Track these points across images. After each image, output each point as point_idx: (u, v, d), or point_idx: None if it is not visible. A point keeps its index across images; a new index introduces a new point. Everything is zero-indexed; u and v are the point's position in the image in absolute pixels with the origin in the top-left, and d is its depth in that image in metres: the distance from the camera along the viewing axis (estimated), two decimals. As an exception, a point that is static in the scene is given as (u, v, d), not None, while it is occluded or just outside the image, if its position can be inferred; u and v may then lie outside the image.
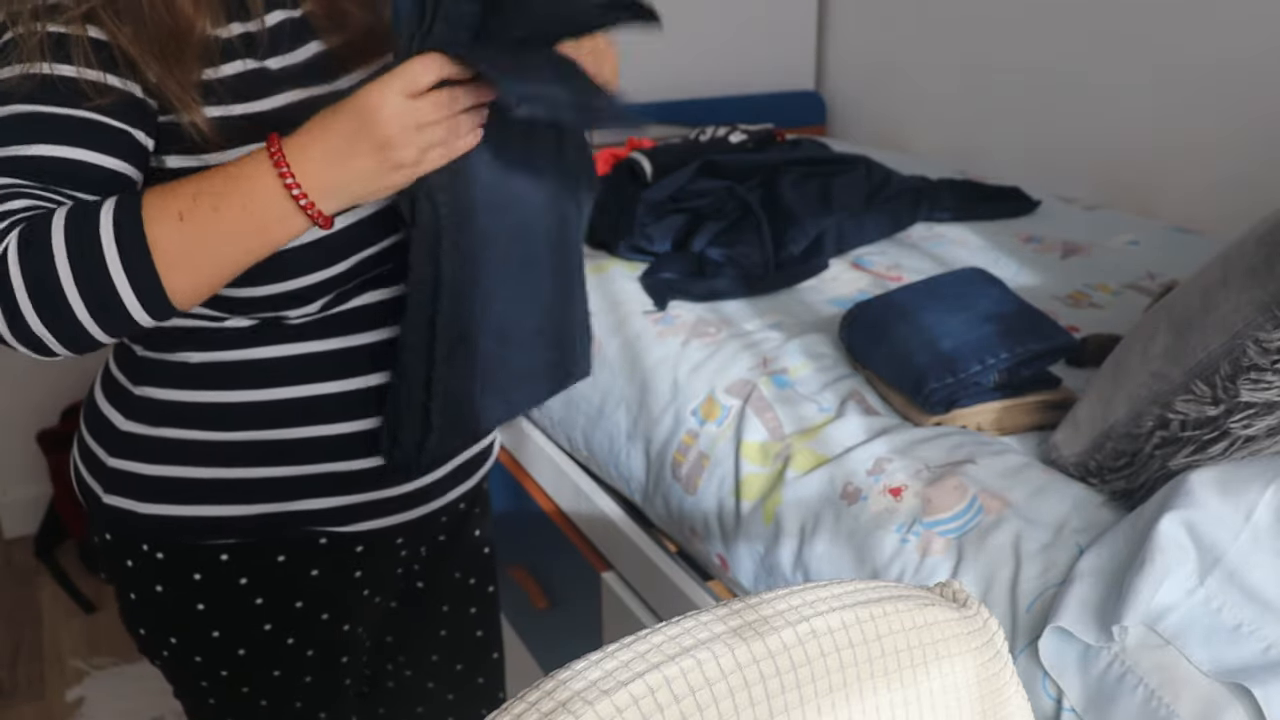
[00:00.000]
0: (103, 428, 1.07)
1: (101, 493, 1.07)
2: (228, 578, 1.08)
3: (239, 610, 1.10)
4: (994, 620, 0.71)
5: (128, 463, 1.05)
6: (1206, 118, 2.05)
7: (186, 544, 1.07)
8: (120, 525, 1.07)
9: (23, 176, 0.86)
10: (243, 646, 1.11)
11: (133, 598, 1.11)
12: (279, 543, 1.08)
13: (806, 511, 1.25)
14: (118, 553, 1.10)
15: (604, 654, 0.59)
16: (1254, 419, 1.00)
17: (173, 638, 1.11)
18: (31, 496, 2.70)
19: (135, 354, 1.05)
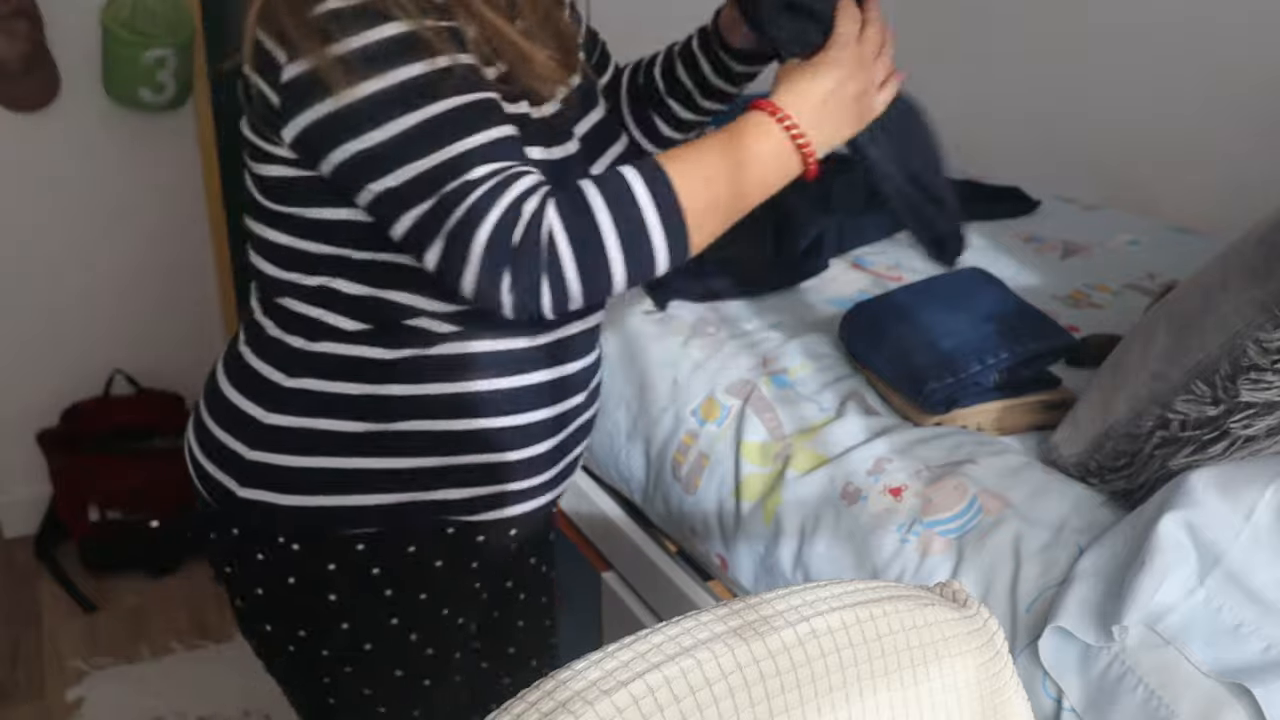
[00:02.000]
0: (241, 422, 1.09)
1: (236, 487, 1.09)
2: (361, 568, 1.10)
3: (370, 602, 1.12)
4: (994, 620, 0.71)
5: (271, 455, 1.07)
6: (1206, 118, 2.05)
7: (322, 535, 1.09)
8: (255, 519, 1.09)
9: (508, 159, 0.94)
10: (369, 640, 1.13)
11: (259, 593, 1.13)
12: (409, 532, 1.11)
13: (806, 511, 1.25)
14: (247, 548, 1.11)
15: (604, 654, 0.59)
16: (1254, 419, 1.00)
17: (301, 631, 1.14)
18: (31, 496, 2.70)
19: (289, 346, 1.07)
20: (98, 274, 2.65)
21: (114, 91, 2.45)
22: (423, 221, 0.93)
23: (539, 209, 0.92)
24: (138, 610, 2.50)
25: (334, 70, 0.91)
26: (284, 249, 1.05)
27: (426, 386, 1.06)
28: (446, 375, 1.06)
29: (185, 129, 2.61)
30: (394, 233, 0.96)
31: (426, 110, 0.92)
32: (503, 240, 0.91)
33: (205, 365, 3.08)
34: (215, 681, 2.26)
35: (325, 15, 0.92)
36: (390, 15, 0.92)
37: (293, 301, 1.06)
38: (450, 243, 0.92)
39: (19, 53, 2.32)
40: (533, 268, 0.92)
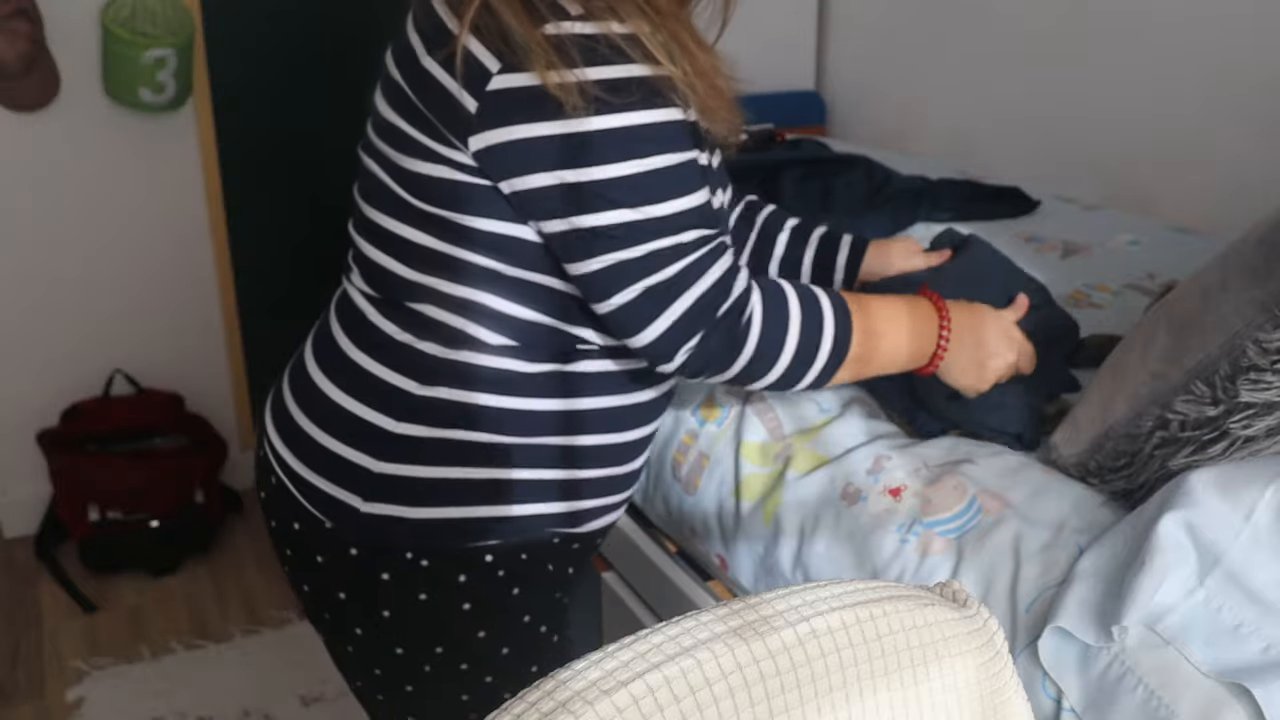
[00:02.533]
0: (365, 433, 1.04)
1: (360, 502, 1.04)
2: (491, 576, 1.08)
3: (503, 606, 1.10)
4: (994, 620, 0.71)
5: (401, 466, 1.03)
6: (1206, 118, 2.05)
7: (449, 546, 1.06)
8: (381, 534, 1.05)
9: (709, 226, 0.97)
10: (506, 645, 1.11)
11: (386, 615, 1.08)
12: (523, 543, 1.10)
13: (806, 512, 1.25)
14: (370, 566, 1.06)
15: (604, 654, 0.59)
16: (1254, 419, 1.00)
17: (439, 647, 1.10)
18: (31, 496, 2.70)
19: (422, 353, 1.03)
20: (97, 274, 2.65)
21: (114, 91, 2.45)
22: (623, 268, 0.94)
23: (746, 291, 0.98)
24: (138, 610, 2.50)
25: (569, 94, 0.89)
26: (429, 252, 1.01)
27: (563, 401, 1.05)
28: (582, 390, 1.06)
29: (185, 129, 2.61)
30: (577, 267, 0.96)
31: (653, 160, 0.92)
32: (707, 309, 0.96)
33: (205, 365, 3.08)
34: (215, 681, 2.26)
35: (565, 37, 0.89)
36: (628, 54, 0.91)
37: (430, 308, 1.02)
38: (647, 296, 0.95)
39: (19, 53, 2.32)
40: (725, 342, 0.98)
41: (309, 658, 2.31)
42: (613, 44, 0.91)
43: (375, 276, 1.06)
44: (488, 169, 0.95)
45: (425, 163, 0.98)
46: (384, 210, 1.03)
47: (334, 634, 1.15)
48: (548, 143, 0.91)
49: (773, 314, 0.99)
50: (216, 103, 2.61)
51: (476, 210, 0.98)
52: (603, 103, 0.90)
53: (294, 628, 2.43)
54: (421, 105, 0.97)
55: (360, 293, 1.08)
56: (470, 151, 0.95)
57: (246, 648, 2.37)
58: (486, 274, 1.00)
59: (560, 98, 0.89)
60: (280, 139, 2.69)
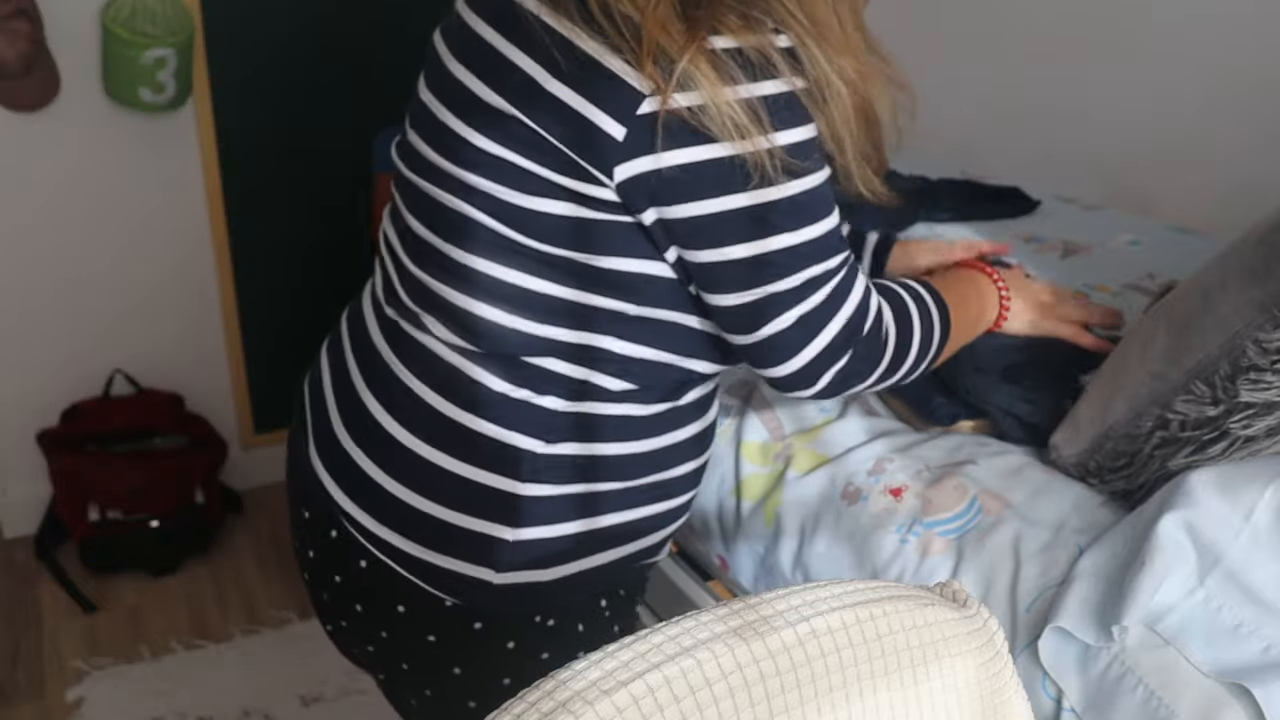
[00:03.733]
0: (495, 502, 0.96)
1: (494, 575, 0.97)
2: (606, 625, 1.06)
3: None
4: (994, 620, 0.71)
5: (535, 529, 0.97)
6: (1206, 118, 2.05)
7: (577, 602, 1.02)
8: (511, 603, 0.99)
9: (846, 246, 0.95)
10: None
11: (507, 682, 1.02)
12: (622, 582, 1.08)
13: (806, 512, 1.25)
14: (496, 638, 1.00)
15: (604, 654, 0.59)
16: (1253, 419, 1.00)
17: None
18: (31, 496, 2.70)
19: (544, 409, 0.96)
20: (98, 274, 2.65)
21: (114, 91, 2.45)
22: (779, 297, 0.89)
23: (880, 307, 0.97)
24: (138, 610, 2.50)
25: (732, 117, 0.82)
26: (549, 300, 0.92)
27: (672, 436, 1.03)
28: (686, 422, 1.04)
29: (185, 129, 2.61)
30: (726, 299, 0.90)
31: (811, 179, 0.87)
32: (855, 332, 0.94)
33: (205, 365, 3.07)
34: (215, 681, 2.26)
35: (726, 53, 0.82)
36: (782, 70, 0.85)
37: (550, 360, 0.95)
38: (800, 322, 0.90)
39: (19, 53, 2.31)
40: (869, 357, 0.96)
41: (309, 658, 2.31)
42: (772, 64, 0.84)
43: (473, 328, 0.95)
44: (628, 200, 0.88)
45: (544, 199, 0.89)
46: (484, 255, 0.92)
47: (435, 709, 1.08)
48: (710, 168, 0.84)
49: (901, 321, 1.00)
50: (216, 103, 2.61)
51: (610, 250, 0.90)
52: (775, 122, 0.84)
53: (294, 628, 2.43)
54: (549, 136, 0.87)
55: (449, 346, 0.97)
56: (612, 182, 0.87)
57: (246, 648, 2.37)
58: (611, 317, 0.93)
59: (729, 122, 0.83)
60: (280, 139, 2.69)
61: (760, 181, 0.84)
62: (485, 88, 0.89)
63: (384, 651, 1.06)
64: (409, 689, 1.08)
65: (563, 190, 0.88)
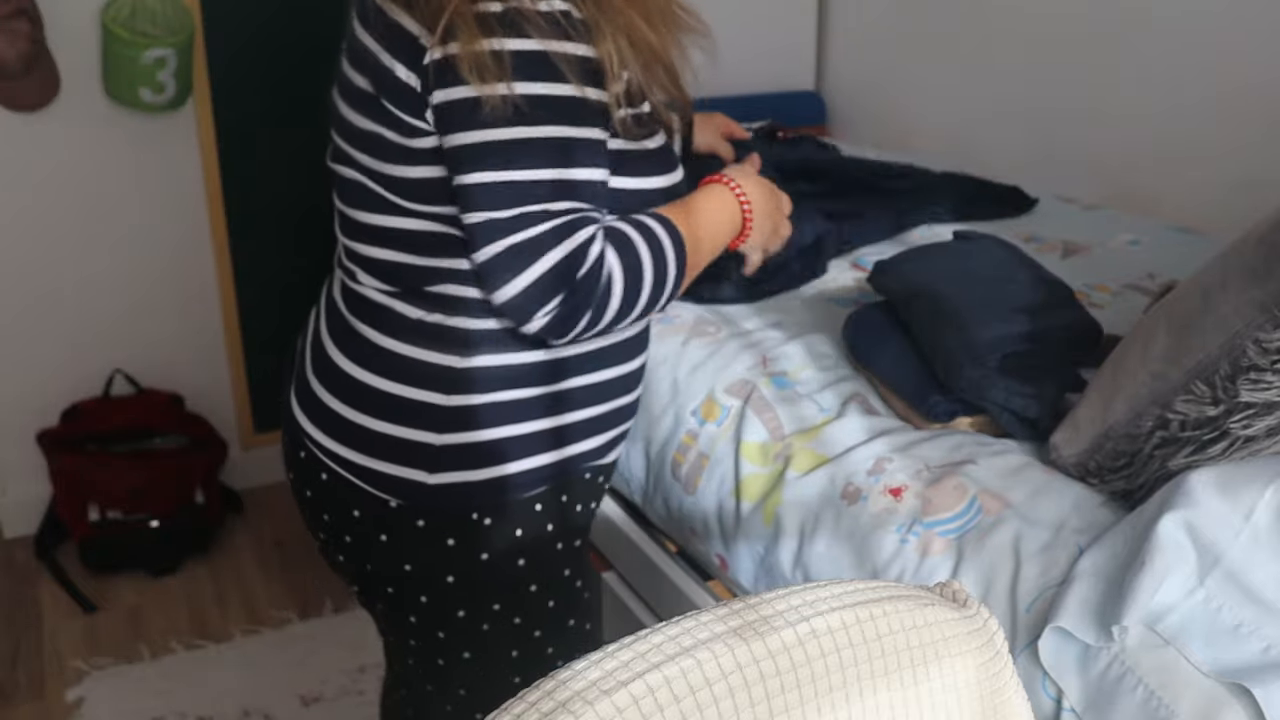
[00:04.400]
0: (422, 412, 1.11)
1: (427, 476, 1.12)
2: (540, 527, 1.17)
3: (548, 558, 1.19)
4: (994, 620, 0.71)
5: (460, 435, 1.11)
6: (1206, 118, 2.05)
7: (509, 501, 1.14)
8: (448, 501, 1.13)
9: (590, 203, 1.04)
10: (552, 597, 1.21)
11: (450, 580, 1.16)
12: (564, 485, 1.18)
13: (806, 511, 1.25)
14: (436, 535, 1.14)
15: (604, 654, 0.59)
16: (1253, 419, 1.00)
17: (496, 604, 1.18)
18: (31, 496, 2.70)
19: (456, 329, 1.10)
20: (98, 274, 2.65)
21: (114, 91, 2.45)
22: (495, 224, 1.00)
23: (601, 254, 1.03)
24: (138, 610, 2.50)
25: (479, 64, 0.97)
26: (431, 237, 1.08)
27: (585, 344, 1.13)
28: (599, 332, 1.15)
29: (185, 129, 2.61)
30: (464, 218, 1.02)
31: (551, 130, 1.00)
32: (565, 273, 1.01)
33: (205, 365, 3.07)
34: (215, 681, 2.26)
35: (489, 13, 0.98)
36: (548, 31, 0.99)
37: (447, 286, 1.09)
38: (510, 251, 1.01)
39: (19, 53, 2.31)
40: (585, 304, 1.03)
41: (309, 658, 2.31)
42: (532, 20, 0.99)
43: (385, 272, 1.12)
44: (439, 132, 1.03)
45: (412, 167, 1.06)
46: (379, 210, 1.10)
47: (395, 609, 1.22)
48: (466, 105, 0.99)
49: (628, 266, 1.05)
50: (216, 103, 2.61)
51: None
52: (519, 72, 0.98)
53: (294, 628, 2.43)
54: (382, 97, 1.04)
55: (375, 289, 1.14)
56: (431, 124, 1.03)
57: (246, 648, 2.37)
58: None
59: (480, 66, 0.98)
60: (280, 139, 2.69)
61: (496, 121, 0.99)
62: (355, 73, 1.08)
63: (351, 557, 1.21)
64: (376, 593, 1.23)
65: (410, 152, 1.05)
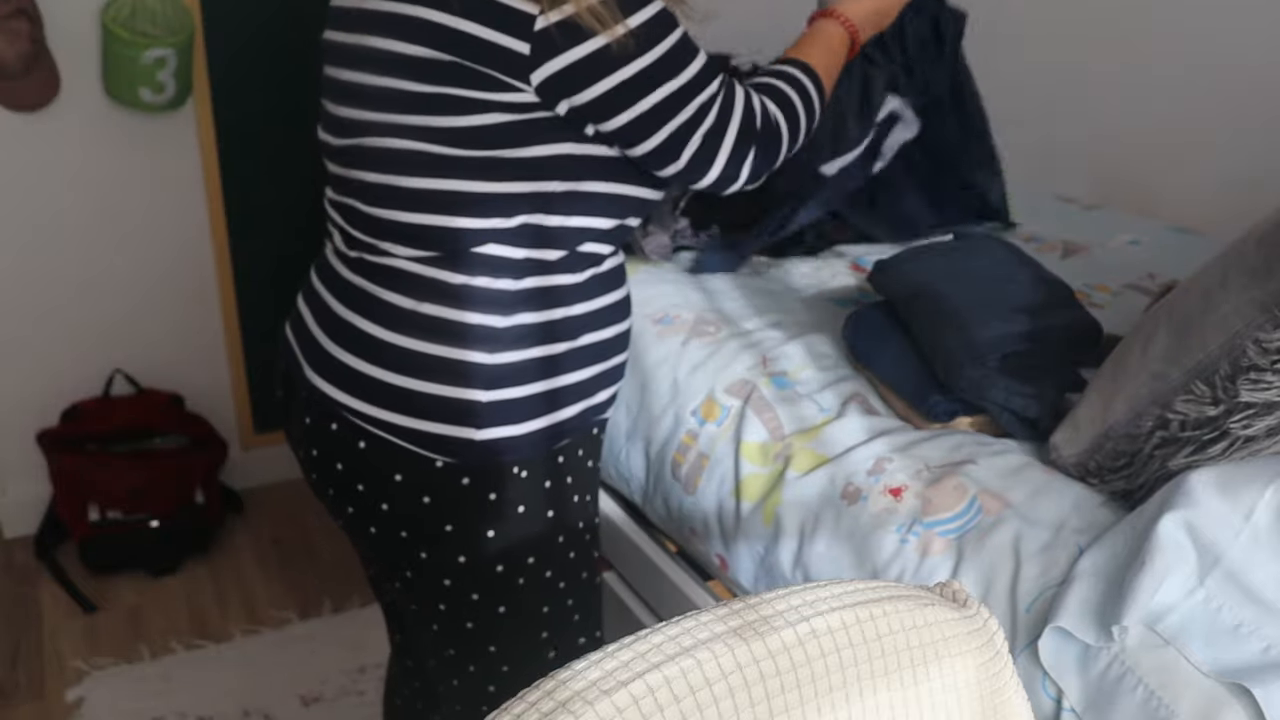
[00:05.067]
0: (469, 371, 1.16)
1: (475, 432, 1.17)
2: (563, 480, 1.24)
3: (570, 510, 1.24)
4: (994, 620, 0.71)
5: (504, 391, 1.17)
6: (1206, 118, 2.05)
7: (542, 454, 1.21)
8: (493, 456, 1.18)
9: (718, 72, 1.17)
10: (572, 549, 1.28)
11: (490, 534, 1.21)
12: (579, 440, 1.25)
13: (806, 511, 1.25)
14: (479, 492, 1.19)
15: (604, 654, 0.59)
16: (1254, 419, 1.00)
17: (530, 558, 1.24)
18: (31, 496, 2.70)
19: (497, 290, 1.15)
20: (98, 274, 2.65)
21: (114, 91, 2.45)
22: (682, 128, 1.13)
23: (763, 104, 1.20)
24: (138, 610, 2.50)
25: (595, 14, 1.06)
26: (481, 196, 1.13)
27: (601, 299, 1.23)
28: (611, 288, 1.24)
29: (185, 129, 2.61)
30: (644, 147, 1.14)
31: (670, 40, 1.11)
32: (748, 128, 1.18)
33: (205, 365, 3.07)
34: (215, 681, 2.26)
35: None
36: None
37: (490, 247, 1.14)
38: (705, 139, 1.15)
39: (19, 53, 2.31)
40: (772, 141, 1.21)
41: (309, 658, 2.31)
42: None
43: (425, 238, 1.16)
44: (546, 99, 1.10)
45: (473, 114, 1.10)
46: (427, 174, 1.13)
47: (430, 574, 1.25)
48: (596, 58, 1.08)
49: (784, 105, 1.23)
50: (216, 103, 2.61)
51: (532, 141, 1.12)
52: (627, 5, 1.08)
53: (294, 628, 2.43)
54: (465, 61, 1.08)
55: (409, 259, 1.17)
56: (533, 87, 1.09)
57: (246, 648, 2.37)
58: (537, 199, 1.14)
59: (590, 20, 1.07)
60: (280, 139, 2.69)
61: (633, 53, 1.09)
62: (401, 44, 1.11)
63: (385, 526, 1.24)
64: (405, 559, 1.25)
65: (485, 104, 1.09)
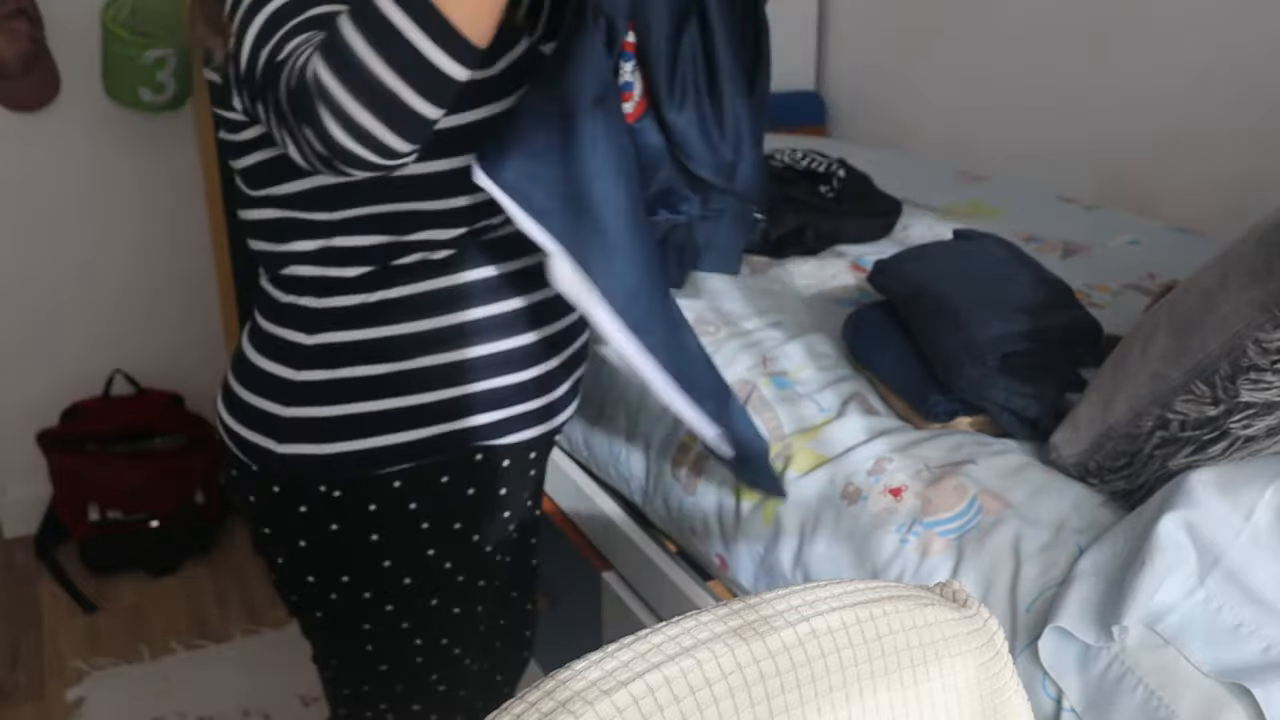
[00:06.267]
0: (271, 385, 1.15)
1: (275, 445, 1.15)
2: (400, 504, 1.17)
3: (409, 536, 1.19)
4: (994, 620, 0.71)
5: (304, 409, 1.14)
6: (1206, 118, 2.05)
7: (363, 477, 1.15)
8: (297, 472, 1.15)
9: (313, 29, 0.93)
10: (409, 575, 1.21)
11: (302, 545, 1.19)
12: (444, 464, 1.18)
13: (806, 512, 1.25)
14: (289, 502, 1.17)
15: (604, 654, 0.59)
16: (1254, 419, 1.00)
17: (345, 576, 1.20)
18: (31, 496, 2.70)
19: (304, 307, 1.13)
20: (98, 274, 2.65)
21: (114, 91, 2.45)
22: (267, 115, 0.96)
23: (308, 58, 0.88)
24: (138, 610, 2.50)
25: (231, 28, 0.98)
26: (276, 222, 1.12)
27: (427, 321, 1.13)
28: (442, 309, 1.13)
29: (185, 129, 2.61)
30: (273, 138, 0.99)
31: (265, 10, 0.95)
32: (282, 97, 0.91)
33: (205, 365, 3.07)
34: (215, 681, 2.26)
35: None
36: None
37: (296, 268, 1.13)
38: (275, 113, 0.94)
39: (19, 53, 2.31)
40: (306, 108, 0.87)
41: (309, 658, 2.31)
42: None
43: (259, 258, 1.18)
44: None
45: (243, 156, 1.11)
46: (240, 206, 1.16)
47: (267, 567, 1.27)
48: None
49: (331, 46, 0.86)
50: (216, 103, 2.61)
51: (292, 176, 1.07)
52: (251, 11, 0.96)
53: (294, 627, 2.42)
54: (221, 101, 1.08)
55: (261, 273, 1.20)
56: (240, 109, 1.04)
57: (246, 648, 2.37)
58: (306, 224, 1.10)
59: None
60: (280, 139, 2.69)
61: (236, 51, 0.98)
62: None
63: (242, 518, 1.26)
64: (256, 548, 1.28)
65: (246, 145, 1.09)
